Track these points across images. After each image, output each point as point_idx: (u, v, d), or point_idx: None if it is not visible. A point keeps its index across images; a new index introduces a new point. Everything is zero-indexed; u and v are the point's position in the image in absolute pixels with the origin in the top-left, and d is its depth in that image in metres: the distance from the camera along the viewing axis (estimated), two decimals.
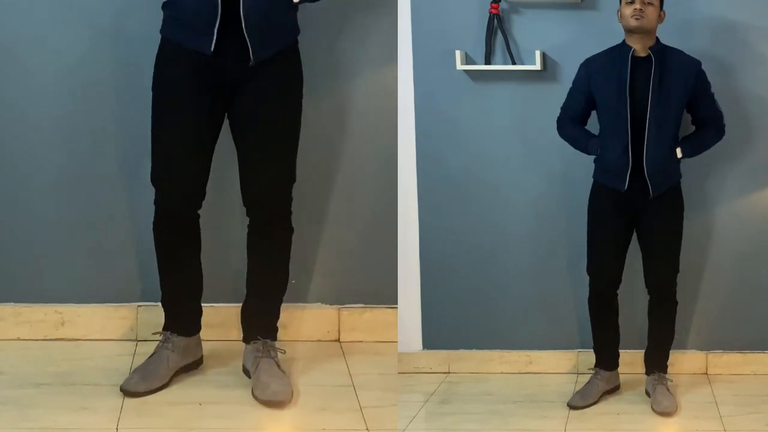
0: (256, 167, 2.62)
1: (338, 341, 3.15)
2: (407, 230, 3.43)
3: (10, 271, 2.99)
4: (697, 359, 3.43)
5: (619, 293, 3.13)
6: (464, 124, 3.38)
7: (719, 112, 3.08)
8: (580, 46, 3.19)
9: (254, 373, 2.68)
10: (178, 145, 2.54)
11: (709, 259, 3.37)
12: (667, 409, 3.02)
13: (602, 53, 3.01)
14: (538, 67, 3.26)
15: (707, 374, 3.41)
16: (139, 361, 2.75)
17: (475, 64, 3.33)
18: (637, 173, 2.94)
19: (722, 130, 3.10)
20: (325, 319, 3.15)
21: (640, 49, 2.93)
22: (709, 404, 3.13)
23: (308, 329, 3.13)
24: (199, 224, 2.68)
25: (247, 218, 2.70)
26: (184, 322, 2.75)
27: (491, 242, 3.43)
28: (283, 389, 2.62)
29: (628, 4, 2.89)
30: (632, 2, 2.88)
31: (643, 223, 3.04)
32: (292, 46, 2.61)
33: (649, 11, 2.88)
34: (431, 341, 3.52)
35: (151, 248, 2.70)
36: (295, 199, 2.71)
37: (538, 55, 3.26)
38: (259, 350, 2.72)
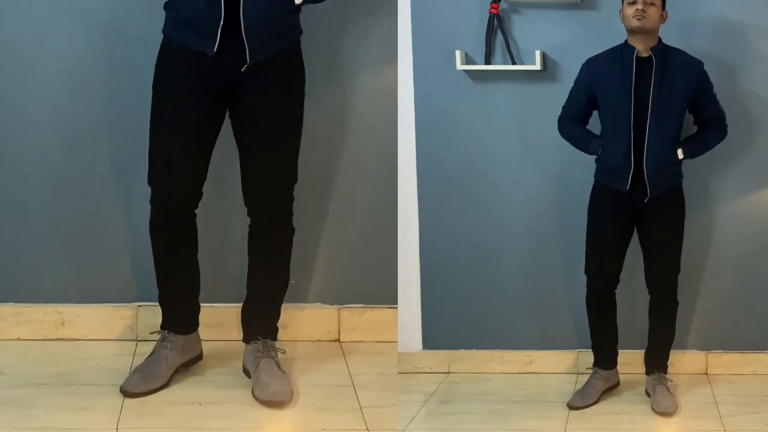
0: (257, 167, 2.61)
1: (338, 341, 3.15)
2: (407, 230, 3.43)
3: (10, 271, 2.99)
4: (697, 359, 3.43)
5: (619, 293, 3.13)
6: (464, 124, 3.38)
7: (721, 112, 3.08)
8: (580, 46, 3.19)
9: (254, 373, 2.68)
10: (178, 144, 2.53)
11: (709, 258, 3.37)
12: (667, 409, 3.02)
13: (604, 53, 3.01)
14: (538, 67, 3.26)
15: (707, 374, 3.41)
16: (139, 361, 2.75)
17: (475, 64, 3.33)
18: (638, 173, 2.94)
19: (724, 130, 3.10)
20: (325, 319, 3.15)
21: (642, 49, 2.93)
22: (709, 404, 3.13)
23: (308, 329, 3.13)
24: (196, 223, 2.67)
25: (247, 218, 2.70)
26: (182, 320, 2.74)
27: (491, 242, 3.43)
28: (283, 389, 2.62)
29: (630, 4, 2.89)
30: (634, 2, 2.88)
31: (644, 223, 3.04)
32: (293, 46, 2.60)
33: (651, 11, 2.88)
34: (431, 341, 3.52)
35: (151, 248, 2.69)
36: (295, 199, 2.70)
37: (538, 55, 3.26)
38: (259, 350, 2.72)
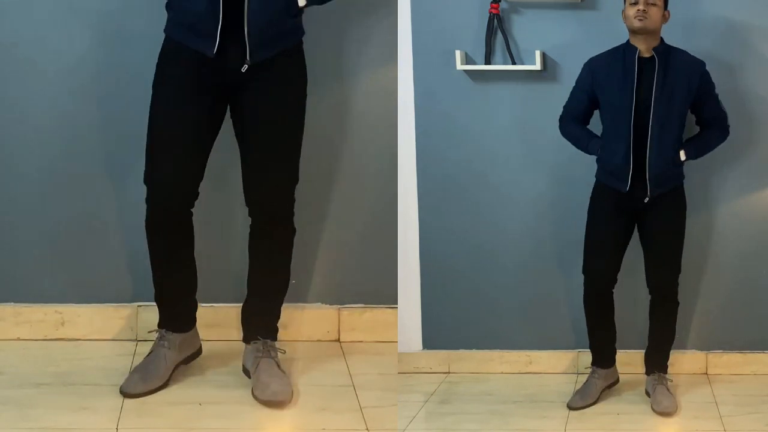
0: (258, 167, 2.61)
1: (338, 341, 3.15)
2: (407, 230, 3.43)
3: (10, 271, 2.99)
4: (697, 359, 3.43)
5: (619, 293, 3.13)
6: (464, 124, 3.38)
7: (723, 112, 3.08)
8: (580, 46, 3.19)
9: (254, 373, 2.68)
10: (177, 143, 2.53)
11: (709, 258, 3.37)
12: (667, 409, 3.02)
13: (606, 53, 3.00)
14: (538, 67, 3.26)
15: (707, 374, 3.41)
16: (139, 361, 2.74)
17: (475, 64, 3.33)
18: (639, 174, 2.94)
19: (726, 130, 3.10)
20: (325, 319, 3.15)
21: (644, 49, 2.92)
22: (709, 404, 3.13)
23: (308, 329, 3.13)
24: (192, 221, 2.66)
25: (247, 218, 2.70)
26: (180, 319, 2.74)
27: (491, 242, 3.43)
28: (283, 389, 2.62)
29: (631, 4, 2.89)
30: (636, 3, 2.87)
31: (645, 223, 3.04)
32: (295, 46, 2.60)
33: (652, 12, 2.87)
34: (431, 341, 3.52)
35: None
36: (296, 199, 2.71)
37: (538, 55, 3.26)
38: (259, 350, 2.72)
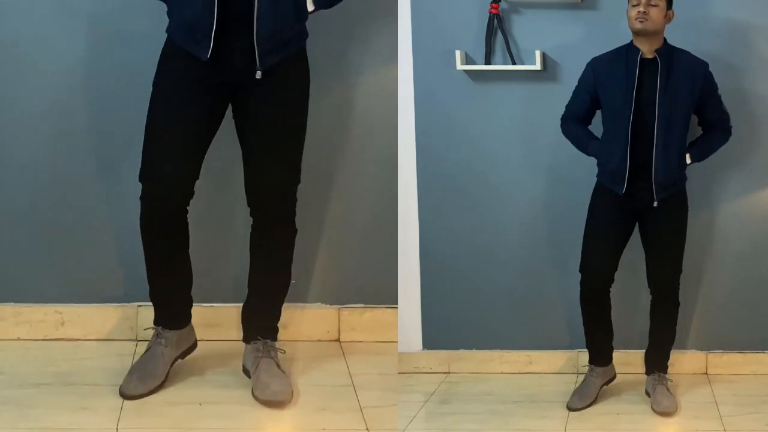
0: (261, 168, 2.61)
1: (338, 341, 3.15)
2: (407, 230, 3.43)
3: (10, 271, 2.99)
4: (697, 359, 3.43)
5: (619, 293, 3.12)
6: (464, 124, 3.38)
7: (726, 113, 3.07)
8: (579, 46, 3.19)
9: (254, 373, 2.68)
10: (176, 142, 2.52)
11: (709, 258, 3.36)
12: (667, 409, 3.02)
13: (609, 53, 2.99)
14: (538, 67, 3.26)
15: (707, 374, 3.41)
16: None
17: (475, 64, 3.33)
18: (639, 175, 2.93)
19: (729, 131, 3.09)
20: (325, 319, 3.15)
21: (646, 50, 2.91)
22: (709, 404, 3.13)
23: (308, 329, 3.13)
24: (187, 220, 2.63)
25: (248, 218, 2.70)
26: (177, 316, 2.73)
27: (491, 242, 3.43)
28: (283, 389, 2.62)
29: (633, 6, 2.88)
30: (637, 4, 2.87)
31: (647, 223, 3.03)
32: (299, 50, 2.61)
33: (653, 13, 2.86)
34: (431, 341, 3.52)
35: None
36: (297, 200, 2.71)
37: (538, 55, 3.26)
38: (259, 350, 2.72)
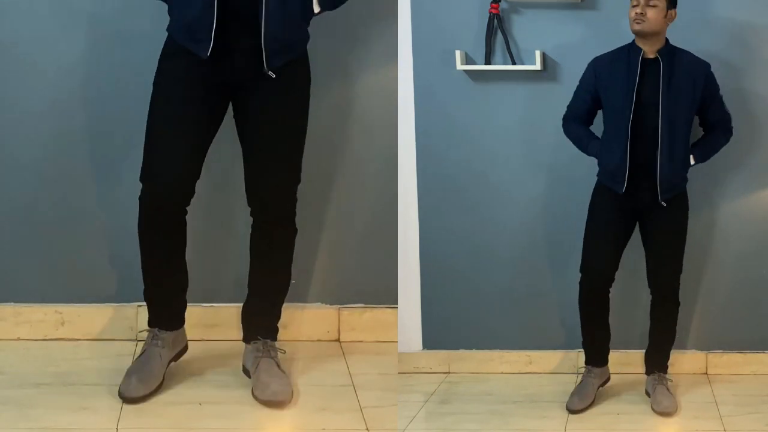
0: (261, 168, 2.61)
1: (338, 341, 3.15)
2: (407, 230, 3.43)
3: (10, 271, 2.99)
4: (697, 359, 3.43)
5: (619, 293, 3.13)
6: (464, 124, 3.38)
7: (727, 114, 3.07)
8: (579, 46, 3.19)
9: (254, 373, 2.68)
10: (177, 142, 2.52)
11: (709, 258, 3.36)
12: (667, 409, 3.02)
13: (611, 53, 2.99)
14: (538, 67, 3.26)
15: (707, 374, 3.41)
16: None
17: (475, 64, 3.33)
18: (640, 175, 2.93)
19: (730, 132, 3.10)
20: (325, 319, 3.15)
21: (648, 50, 2.91)
22: (709, 404, 3.13)
23: (308, 329, 3.13)
24: (186, 220, 2.63)
25: (248, 218, 2.70)
26: (174, 317, 2.73)
27: (491, 242, 3.43)
28: (283, 389, 2.62)
29: (632, 7, 2.88)
30: (636, 5, 2.87)
31: (648, 223, 3.03)
32: (303, 52, 2.61)
33: (651, 14, 2.85)
34: (431, 341, 3.52)
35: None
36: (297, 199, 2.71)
37: (538, 55, 3.26)
38: (259, 350, 2.72)
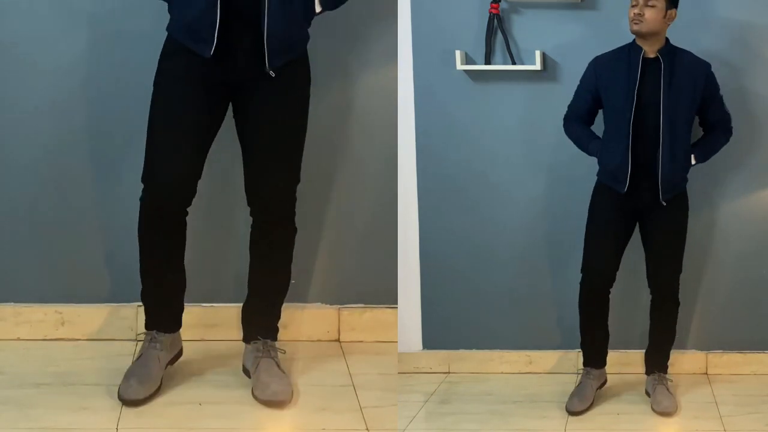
0: (261, 168, 2.61)
1: (338, 341, 3.15)
2: (407, 230, 3.43)
3: (10, 271, 2.99)
4: (697, 359, 3.43)
5: (619, 293, 3.12)
6: (464, 124, 3.38)
7: (727, 114, 3.07)
8: (580, 46, 3.19)
9: (254, 373, 2.68)
10: (179, 142, 2.51)
11: (709, 258, 3.36)
12: (667, 409, 3.02)
13: (611, 52, 2.99)
14: (538, 67, 3.26)
15: (707, 374, 3.41)
16: None
17: (475, 64, 3.33)
18: (641, 175, 2.92)
19: (730, 132, 3.10)
20: (325, 319, 3.15)
21: (648, 50, 2.91)
22: (709, 404, 3.13)
23: (308, 329, 3.13)
24: (186, 221, 2.64)
25: (248, 218, 2.70)
26: (172, 320, 2.73)
27: (491, 242, 3.43)
28: (283, 389, 2.62)
29: (631, 7, 2.88)
30: (635, 5, 2.86)
31: (648, 223, 3.03)
32: (303, 52, 2.62)
33: (649, 14, 2.85)
34: (431, 341, 3.52)
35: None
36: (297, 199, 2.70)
37: (538, 55, 3.26)
38: (259, 350, 2.72)
